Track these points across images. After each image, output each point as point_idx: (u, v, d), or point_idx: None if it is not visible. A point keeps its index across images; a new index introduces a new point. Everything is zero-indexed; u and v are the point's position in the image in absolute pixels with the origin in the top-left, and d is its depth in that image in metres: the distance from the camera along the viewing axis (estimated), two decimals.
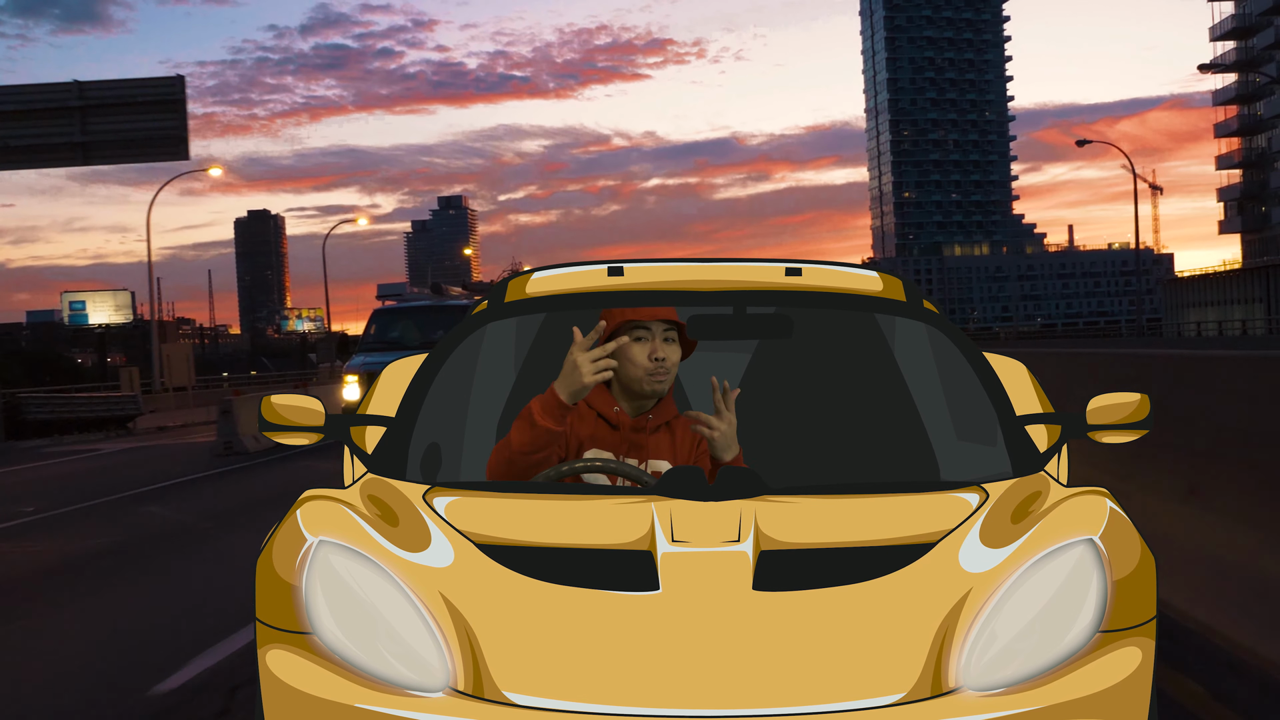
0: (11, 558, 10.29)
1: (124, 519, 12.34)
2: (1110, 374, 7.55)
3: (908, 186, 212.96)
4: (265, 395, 3.47)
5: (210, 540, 10.55)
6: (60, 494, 15.46)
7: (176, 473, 17.82)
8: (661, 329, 3.47)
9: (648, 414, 3.52)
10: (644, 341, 3.46)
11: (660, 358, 3.44)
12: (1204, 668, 4.61)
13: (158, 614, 7.48)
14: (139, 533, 11.27)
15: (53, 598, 8.28)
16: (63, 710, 5.28)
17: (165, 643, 6.49)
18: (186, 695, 5.40)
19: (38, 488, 17.02)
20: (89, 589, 8.46)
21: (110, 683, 5.75)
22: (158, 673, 5.76)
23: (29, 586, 8.87)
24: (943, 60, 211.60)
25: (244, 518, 11.96)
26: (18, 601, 8.19)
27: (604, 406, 3.51)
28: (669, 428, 3.53)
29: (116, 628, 7.10)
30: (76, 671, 6.02)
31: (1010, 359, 4.16)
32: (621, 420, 3.50)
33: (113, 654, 6.40)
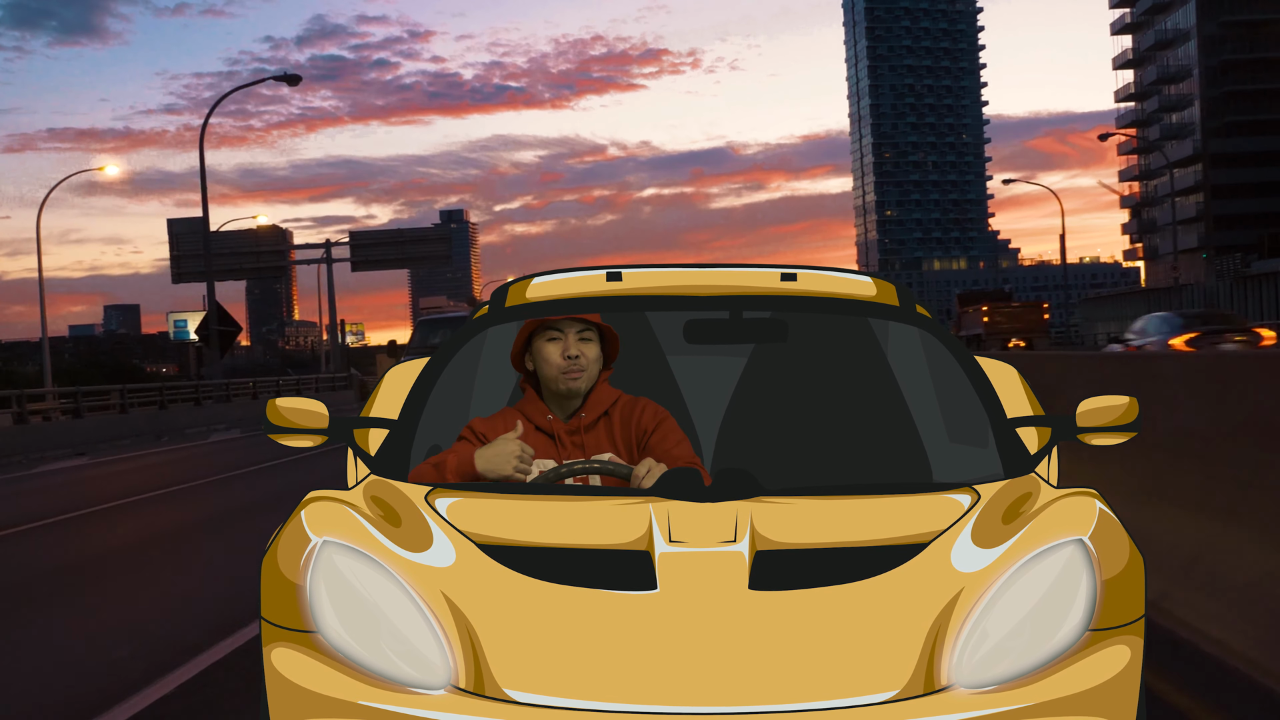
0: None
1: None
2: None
3: (889, 205, 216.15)
4: (271, 398, 3.40)
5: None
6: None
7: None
8: (576, 329, 3.41)
9: (579, 413, 3.43)
10: (556, 341, 3.40)
11: (574, 355, 3.37)
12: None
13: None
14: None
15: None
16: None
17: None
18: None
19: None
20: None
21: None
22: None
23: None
24: (922, 86, 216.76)
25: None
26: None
27: (538, 416, 3.43)
28: (606, 419, 3.44)
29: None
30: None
31: (1001, 363, 4.08)
32: (556, 427, 3.42)
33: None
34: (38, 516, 12.00)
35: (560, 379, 3.37)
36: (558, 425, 3.40)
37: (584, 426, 3.41)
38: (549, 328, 3.39)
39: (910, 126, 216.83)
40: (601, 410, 3.43)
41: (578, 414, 3.42)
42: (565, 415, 3.42)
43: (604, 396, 3.45)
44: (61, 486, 16.11)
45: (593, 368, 3.41)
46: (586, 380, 3.40)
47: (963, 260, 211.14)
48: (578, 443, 3.39)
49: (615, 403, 3.45)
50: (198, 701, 4.90)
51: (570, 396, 3.40)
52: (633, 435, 3.41)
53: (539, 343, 3.40)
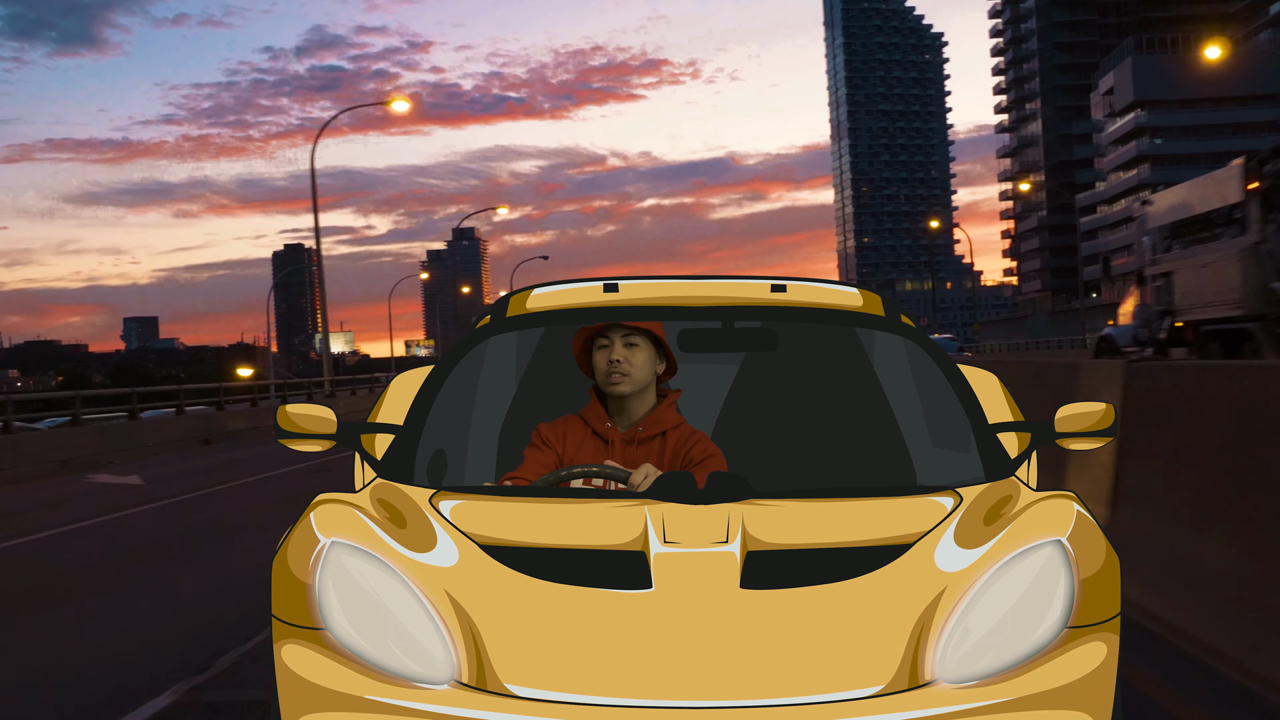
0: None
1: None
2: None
3: (866, 233, 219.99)
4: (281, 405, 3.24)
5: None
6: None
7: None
8: (621, 334, 3.24)
9: (637, 426, 3.25)
10: (604, 349, 3.24)
11: (616, 360, 3.20)
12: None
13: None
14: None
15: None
16: None
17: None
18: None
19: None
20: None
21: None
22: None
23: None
24: (894, 129, 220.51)
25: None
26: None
27: (597, 423, 3.25)
28: (663, 439, 3.24)
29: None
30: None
31: (983, 370, 3.88)
32: (612, 435, 3.24)
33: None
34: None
35: (605, 383, 3.22)
36: (614, 434, 3.23)
37: (638, 439, 3.23)
38: (599, 335, 3.25)
39: (884, 164, 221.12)
40: (659, 430, 3.24)
41: (635, 427, 3.24)
42: (624, 425, 3.25)
43: (665, 417, 3.27)
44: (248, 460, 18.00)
45: (638, 373, 3.22)
46: (630, 385, 3.21)
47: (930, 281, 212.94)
48: (628, 456, 3.21)
49: (676, 427, 3.27)
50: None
51: (618, 400, 3.23)
52: (680, 462, 3.22)
53: (593, 351, 3.27)
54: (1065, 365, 7.55)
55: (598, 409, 3.27)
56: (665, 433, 3.24)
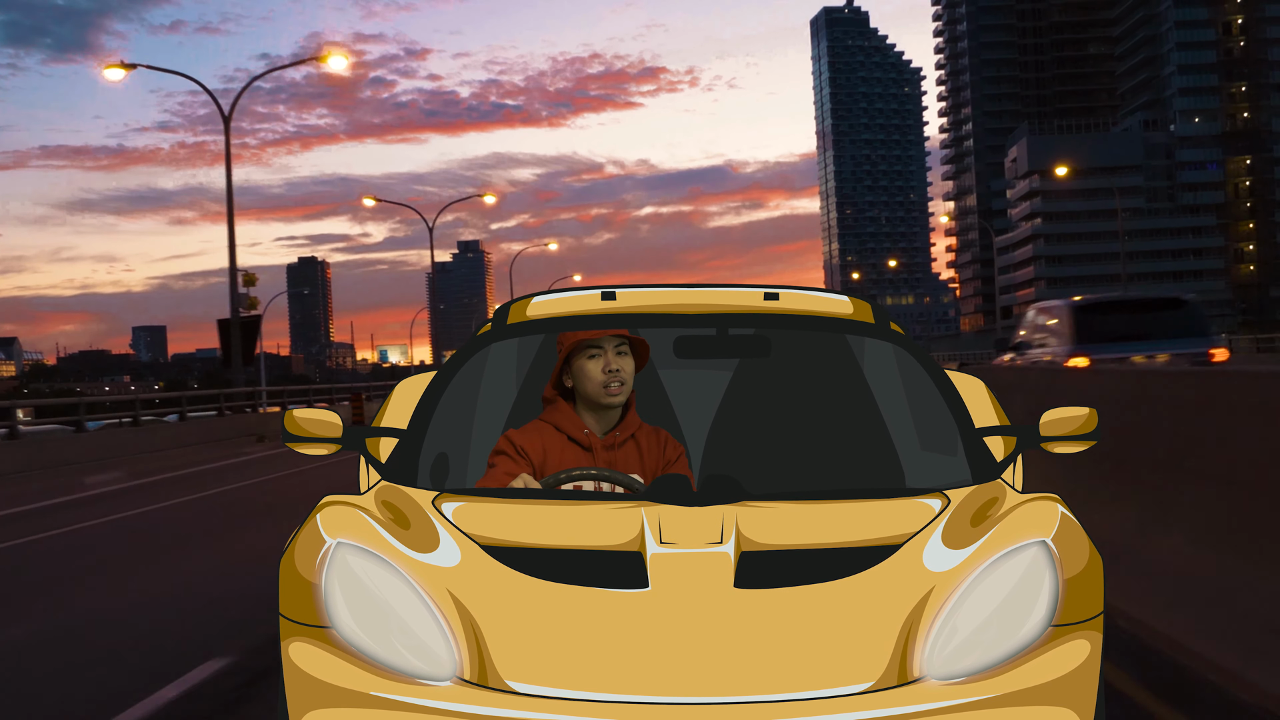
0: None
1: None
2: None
3: (850, 252, 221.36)
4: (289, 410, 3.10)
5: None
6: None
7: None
8: (613, 343, 3.06)
9: (614, 431, 3.11)
10: (597, 358, 3.05)
11: (615, 369, 3.04)
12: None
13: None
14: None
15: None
16: None
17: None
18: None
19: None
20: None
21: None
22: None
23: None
24: (876, 155, 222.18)
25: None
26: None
27: (574, 430, 3.09)
28: (634, 440, 3.11)
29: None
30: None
31: (970, 376, 3.76)
32: (592, 441, 3.08)
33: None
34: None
35: (602, 394, 3.03)
36: (594, 439, 3.08)
37: (618, 443, 3.09)
38: (589, 345, 3.05)
39: (866, 188, 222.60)
40: (631, 432, 3.11)
41: (613, 431, 3.10)
42: (601, 430, 3.10)
43: (633, 419, 3.13)
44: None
45: (630, 381, 3.08)
46: (625, 393, 3.07)
47: (910, 297, 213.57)
48: (609, 460, 3.08)
49: (640, 428, 3.14)
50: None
51: (611, 409, 3.08)
52: (658, 462, 3.10)
53: (580, 360, 3.05)
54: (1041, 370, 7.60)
55: (571, 415, 3.09)
56: (634, 435, 3.12)
